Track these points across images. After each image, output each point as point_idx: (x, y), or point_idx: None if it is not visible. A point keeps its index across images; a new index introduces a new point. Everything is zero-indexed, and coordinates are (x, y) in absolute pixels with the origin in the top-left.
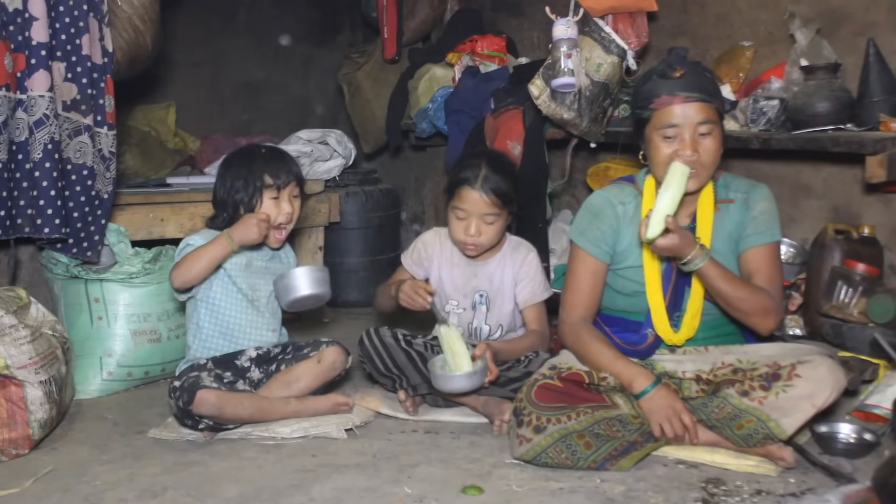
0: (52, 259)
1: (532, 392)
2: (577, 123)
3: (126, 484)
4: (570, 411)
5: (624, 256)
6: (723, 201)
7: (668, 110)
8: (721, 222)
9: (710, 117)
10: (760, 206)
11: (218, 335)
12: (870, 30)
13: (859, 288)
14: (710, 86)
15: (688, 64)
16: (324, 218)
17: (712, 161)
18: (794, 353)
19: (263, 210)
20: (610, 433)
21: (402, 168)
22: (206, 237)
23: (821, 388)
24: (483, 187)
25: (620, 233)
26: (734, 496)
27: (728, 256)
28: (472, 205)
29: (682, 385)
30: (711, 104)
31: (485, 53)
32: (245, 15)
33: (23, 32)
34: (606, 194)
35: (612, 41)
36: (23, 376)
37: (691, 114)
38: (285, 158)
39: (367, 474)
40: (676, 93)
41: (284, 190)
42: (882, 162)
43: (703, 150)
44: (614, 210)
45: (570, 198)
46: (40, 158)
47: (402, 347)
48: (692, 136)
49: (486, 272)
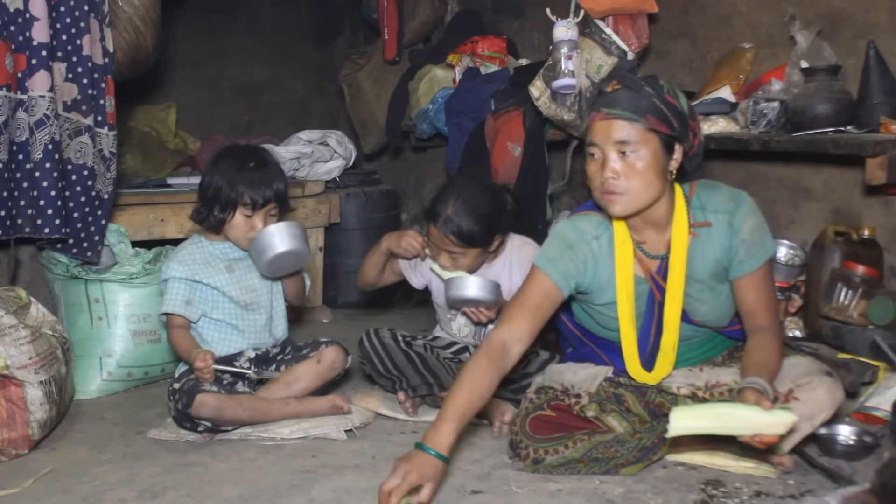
0: (53, 259)
1: (526, 424)
2: (578, 125)
3: (125, 484)
4: (567, 440)
5: (603, 292)
6: (699, 225)
7: (592, 127)
8: (702, 249)
9: (631, 137)
10: (747, 224)
11: (216, 339)
12: (870, 32)
13: (859, 290)
14: (642, 103)
15: (627, 79)
16: (324, 219)
17: (640, 184)
18: (791, 373)
19: (234, 223)
20: (608, 455)
21: (403, 169)
22: (181, 262)
23: (819, 409)
24: (443, 228)
25: (597, 269)
26: (733, 498)
27: (711, 283)
28: (438, 240)
29: (678, 402)
30: (637, 122)
31: (485, 55)
32: (246, 16)
33: (24, 33)
34: (579, 226)
35: (613, 43)
36: (23, 376)
37: (608, 132)
38: (268, 178)
39: (366, 475)
40: (601, 109)
41: (260, 210)
42: (882, 164)
43: (623, 170)
44: (589, 246)
45: (570, 199)
46: (41, 159)
47: (401, 348)
48: (608, 156)
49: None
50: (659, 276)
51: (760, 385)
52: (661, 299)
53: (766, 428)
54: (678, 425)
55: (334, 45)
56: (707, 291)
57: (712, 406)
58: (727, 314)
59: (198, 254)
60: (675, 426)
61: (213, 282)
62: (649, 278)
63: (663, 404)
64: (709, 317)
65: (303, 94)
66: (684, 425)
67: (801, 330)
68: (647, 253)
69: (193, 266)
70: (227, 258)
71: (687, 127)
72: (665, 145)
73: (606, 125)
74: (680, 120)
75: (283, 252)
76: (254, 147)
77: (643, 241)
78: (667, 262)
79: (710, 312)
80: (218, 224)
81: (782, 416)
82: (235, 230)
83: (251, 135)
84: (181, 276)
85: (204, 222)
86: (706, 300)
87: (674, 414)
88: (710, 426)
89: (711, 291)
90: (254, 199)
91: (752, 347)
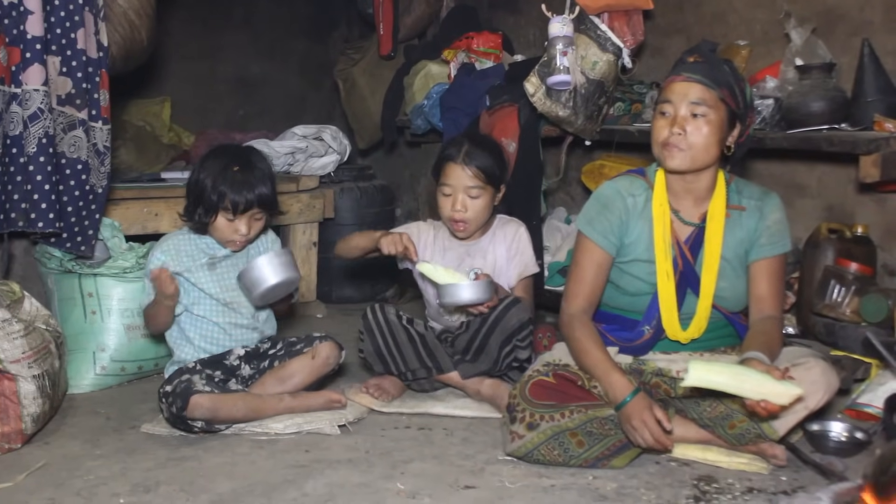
0: (46, 253)
1: (526, 389)
2: (573, 121)
3: (119, 478)
4: (564, 409)
5: (630, 249)
6: (734, 208)
7: (669, 87)
8: (732, 229)
9: (706, 100)
10: (774, 215)
11: (200, 338)
12: (865, 30)
13: (852, 287)
14: (719, 75)
15: (710, 56)
16: (318, 214)
17: (702, 144)
18: (788, 355)
19: (216, 225)
20: (603, 432)
21: (397, 164)
22: (164, 251)
23: (813, 391)
24: (465, 161)
25: (629, 225)
26: (726, 494)
27: (734, 263)
28: (456, 179)
29: (676, 384)
30: (713, 90)
31: (480, 50)
32: (241, 10)
33: (18, 26)
34: (617, 185)
35: (608, 39)
36: (16, 370)
37: (686, 92)
38: (252, 182)
39: (360, 470)
40: (681, 72)
41: (242, 214)
42: (876, 161)
43: (691, 128)
44: (624, 202)
45: (564, 195)
46: (35, 152)
47: (403, 325)
48: (684, 114)
49: (479, 250)
50: (686, 245)
51: (761, 358)
52: (683, 269)
53: (774, 396)
54: (696, 376)
55: (329, 39)
56: (729, 269)
57: (729, 365)
58: (741, 297)
59: (182, 245)
60: (693, 376)
61: (193, 278)
62: (676, 245)
63: (659, 385)
64: (725, 294)
65: (298, 89)
66: (701, 377)
67: (794, 327)
68: (681, 218)
69: (177, 257)
70: (211, 253)
71: (747, 112)
72: (730, 118)
73: (685, 86)
74: (745, 103)
75: (274, 284)
76: (244, 149)
77: (679, 209)
78: (697, 231)
79: (727, 289)
80: (202, 225)
81: (790, 388)
82: (218, 232)
83: (246, 129)
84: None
85: (192, 219)
86: (727, 276)
87: (692, 364)
88: (724, 383)
89: (733, 271)
90: (235, 204)
91: (756, 331)
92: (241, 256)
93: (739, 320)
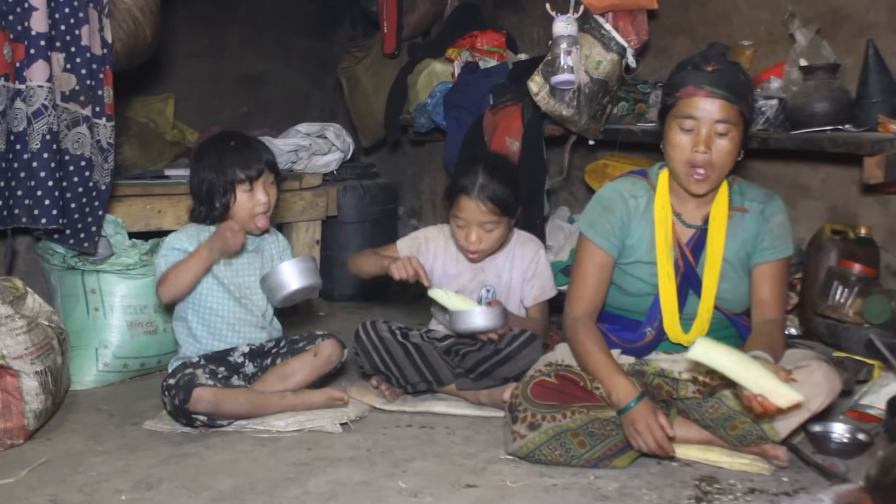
0: (49, 250)
1: (528, 388)
2: (576, 120)
3: (121, 475)
4: (566, 409)
5: (632, 251)
6: (737, 209)
7: (690, 101)
8: (734, 231)
9: (731, 118)
10: (777, 218)
11: (207, 335)
12: (869, 31)
13: (855, 288)
14: (739, 87)
15: (724, 62)
16: (321, 212)
17: (724, 163)
18: (791, 358)
19: (238, 203)
20: (604, 432)
21: (401, 163)
22: (189, 235)
23: (816, 394)
24: (480, 196)
25: (631, 227)
26: (727, 494)
27: (736, 265)
28: (471, 213)
29: (678, 385)
30: (735, 105)
31: (484, 49)
32: (245, 8)
33: (22, 22)
34: (619, 187)
35: (612, 39)
36: (18, 366)
37: (712, 110)
38: (255, 148)
39: (361, 468)
40: (703, 86)
41: (258, 181)
42: (880, 163)
43: (716, 149)
44: (626, 203)
45: (567, 195)
46: (38, 149)
47: (398, 341)
48: (708, 133)
49: (494, 267)
50: (688, 247)
51: (767, 358)
52: (685, 271)
53: (773, 394)
54: (700, 350)
55: (333, 37)
56: (731, 270)
57: (737, 351)
58: (743, 299)
59: (203, 235)
60: (697, 350)
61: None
62: (677, 247)
63: (661, 385)
64: (727, 295)
65: (301, 87)
66: (705, 353)
67: (797, 328)
68: (683, 221)
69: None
70: None
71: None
72: (746, 130)
73: (711, 102)
74: (753, 109)
75: (297, 289)
76: (228, 131)
77: (681, 211)
78: (699, 233)
79: (729, 291)
80: (223, 212)
81: (791, 392)
82: (241, 210)
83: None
84: (185, 249)
85: (206, 219)
86: (728, 278)
87: (700, 339)
88: (727, 366)
89: (734, 272)
90: (247, 170)
91: (758, 333)
92: (255, 256)
93: (742, 321)
